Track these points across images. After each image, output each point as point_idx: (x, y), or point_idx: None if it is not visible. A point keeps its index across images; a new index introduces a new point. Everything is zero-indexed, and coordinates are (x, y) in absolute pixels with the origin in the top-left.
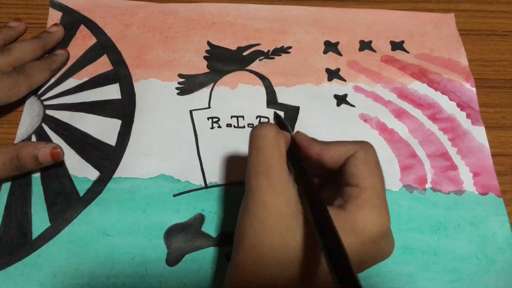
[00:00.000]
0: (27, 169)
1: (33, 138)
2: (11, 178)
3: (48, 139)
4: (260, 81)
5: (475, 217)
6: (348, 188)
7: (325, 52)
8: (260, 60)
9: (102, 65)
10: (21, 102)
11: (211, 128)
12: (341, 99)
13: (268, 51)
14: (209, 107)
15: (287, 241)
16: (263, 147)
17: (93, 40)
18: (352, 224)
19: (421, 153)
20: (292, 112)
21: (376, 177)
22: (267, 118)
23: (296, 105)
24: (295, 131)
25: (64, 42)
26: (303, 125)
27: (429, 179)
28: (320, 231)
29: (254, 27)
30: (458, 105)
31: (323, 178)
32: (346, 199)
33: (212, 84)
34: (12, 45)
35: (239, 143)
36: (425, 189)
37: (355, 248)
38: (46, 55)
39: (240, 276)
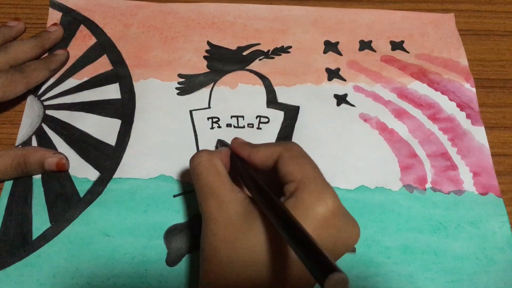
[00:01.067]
0: (31, 174)
1: (34, 139)
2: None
3: (48, 139)
4: (260, 81)
5: (475, 217)
6: (287, 185)
7: (325, 52)
8: (260, 60)
9: (102, 65)
10: (21, 102)
11: (211, 128)
12: (341, 99)
13: (268, 50)
14: (209, 107)
15: (239, 246)
16: (201, 173)
17: (93, 40)
18: (297, 215)
19: (421, 153)
20: (292, 111)
21: (306, 167)
22: (267, 118)
23: (296, 104)
24: (294, 131)
25: (64, 42)
26: (303, 125)
27: (429, 179)
28: (281, 226)
29: (254, 27)
30: (458, 105)
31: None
32: (288, 196)
33: (212, 84)
34: (10, 43)
35: None
36: (425, 189)
37: None
38: (46, 54)
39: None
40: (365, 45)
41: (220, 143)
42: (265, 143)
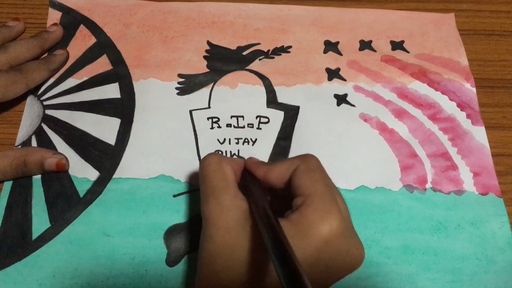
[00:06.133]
0: (31, 174)
1: (33, 139)
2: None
3: (47, 139)
4: (260, 81)
5: (475, 217)
6: (295, 199)
7: (325, 51)
8: (260, 59)
9: (102, 65)
10: (21, 102)
11: (211, 128)
12: (341, 99)
13: (268, 50)
14: (209, 107)
15: (235, 253)
16: (207, 174)
17: (92, 40)
18: (299, 231)
19: (421, 153)
20: (292, 111)
21: (318, 182)
22: (267, 118)
23: (296, 104)
24: (294, 131)
25: (64, 42)
26: (303, 125)
27: (429, 179)
28: (269, 244)
29: (254, 27)
30: (458, 105)
31: (278, 197)
32: (294, 209)
33: (212, 84)
34: (10, 43)
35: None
36: (425, 189)
37: (309, 253)
38: (46, 54)
39: None
40: (365, 45)
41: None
42: (280, 161)
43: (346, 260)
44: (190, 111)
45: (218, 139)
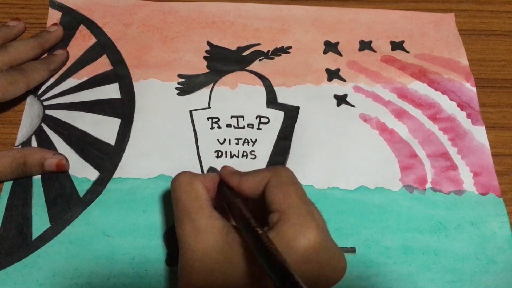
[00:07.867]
0: (31, 175)
1: (33, 139)
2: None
3: (47, 139)
4: (260, 81)
5: (475, 217)
6: (271, 215)
7: (325, 52)
8: (260, 60)
9: (102, 65)
10: (21, 102)
11: (211, 128)
12: (341, 99)
13: (268, 51)
14: (209, 107)
15: (216, 279)
16: (180, 196)
17: (92, 40)
18: (278, 248)
19: (421, 153)
20: (292, 112)
21: (292, 196)
22: (267, 118)
23: (296, 105)
24: (294, 131)
25: (64, 42)
26: (303, 125)
27: (429, 179)
28: (258, 252)
29: (254, 27)
30: (458, 105)
31: (257, 205)
32: (271, 226)
33: (212, 84)
34: (10, 43)
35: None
36: (425, 189)
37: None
38: (46, 54)
39: None
40: (365, 45)
41: (211, 170)
42: (255, 170)
43: (327, 273)
44: (190, 111)
45: (218, 139)
